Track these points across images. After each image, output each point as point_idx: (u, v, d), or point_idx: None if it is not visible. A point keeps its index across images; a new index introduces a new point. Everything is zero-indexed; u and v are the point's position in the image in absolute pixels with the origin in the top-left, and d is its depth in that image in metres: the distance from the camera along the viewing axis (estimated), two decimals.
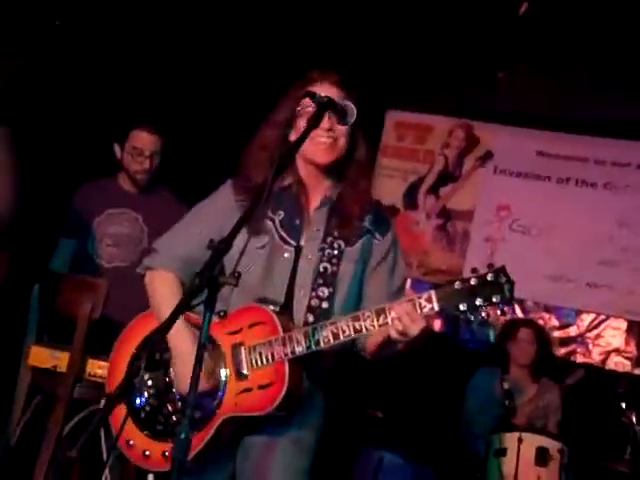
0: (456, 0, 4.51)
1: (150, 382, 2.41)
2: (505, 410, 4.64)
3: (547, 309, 5.87)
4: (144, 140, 3.98)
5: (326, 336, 2.21)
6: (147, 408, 2.39)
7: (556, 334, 5.77)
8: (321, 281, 2.35)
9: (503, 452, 4.38)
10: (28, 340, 3.56)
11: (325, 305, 2.35)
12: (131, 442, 2.39)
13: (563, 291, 5.69)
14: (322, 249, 2.38)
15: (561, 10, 4.38)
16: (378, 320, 2.16)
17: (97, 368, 3.42)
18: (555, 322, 5.83)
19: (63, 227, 4.12)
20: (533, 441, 4.36)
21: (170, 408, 2.38)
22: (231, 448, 2.41)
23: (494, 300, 2.06)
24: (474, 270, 2.10)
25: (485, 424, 4.71)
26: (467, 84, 5.68)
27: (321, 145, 2.34)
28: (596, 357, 5.73)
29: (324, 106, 2.21)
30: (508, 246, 5.78)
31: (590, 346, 5.76)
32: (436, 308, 2.09)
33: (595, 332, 5.75)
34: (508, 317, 5.80)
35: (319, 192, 2.45)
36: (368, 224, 2.44)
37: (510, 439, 4.39)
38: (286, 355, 2.24)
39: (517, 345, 5.07)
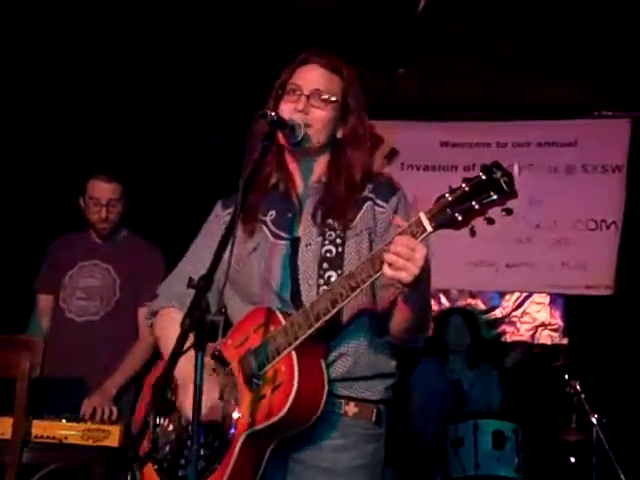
0: (354, 2, 4.50)
1: (171, 427, 2.22)
2: (455, 400, 4.69)
3: (472, 295, 6.00)
4: (100, 189, 3.93)
5: (325, 307, 1.99)
6: (169, 456, 2.20)
7: (484, 317, 5.89)
8: (327, 265, 2.15)
9: (460, 442, 4.43)
10: None
11: None
12: None
13: (486, 275, 5.78)
14: (322, 234, 2.20)
15: (455, 3, 4.45)
16: (374, 267, 1.92)
17: (43, 429, 3.27)
18: (481, 306, 5.96)
19: (39, 284, 4.06)
20: (488, 426, 4.43)
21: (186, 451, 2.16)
22: (276, 467, 2.15)
23: (493, 197, 1.81)
24: (457, 188, 1.86)
25: (436, 416, 4.75)
26: (364, 83, 5.71)
27: None
28: (525, 334, 5.89)
29: (274, 125, 2.14)
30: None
31: (518, 324, 5.91)
32: (429, 229, 1.86)
33: (520, 310, 5.91)
34: (436, 308, 5.91)
35: (302, 175, 2.32)
36: (368, 192, 2.25)
37: (465, 428, 4.44)
38: (290, 344, 2.02)
39: (451, 333, 5.15)
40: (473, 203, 1.83)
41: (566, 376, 4.64)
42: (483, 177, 1.83)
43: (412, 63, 5.11)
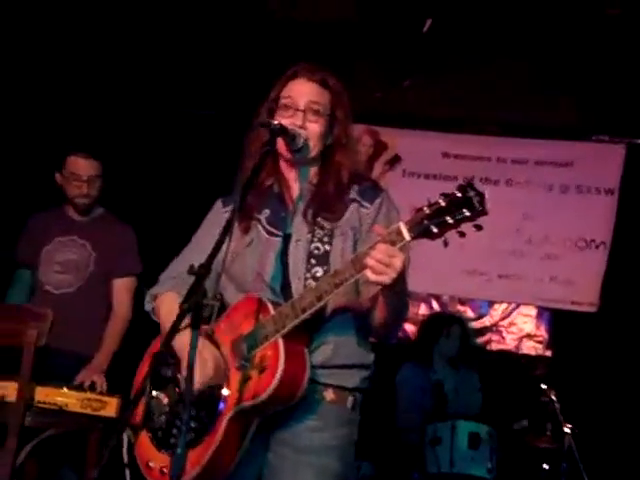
0: (364, 13, 4.70)
1: (166, 400, 2.44)
2: (436, 401, 4.89)
3: (462, 302, 6.18)
4: (80, 165, 4.05)
5: (310, 300, 2.19)
6: (163, 426, 2.41)
7: (472, 325, 6.08)
8: (314, 261, 2.37)
9: (438, 441, 4.64)
10: None
11: None
12: (150, 464, 2.40)
13: (477, 284, 6.00)
14: (312, 232, 2.41)
15: (460, 24, 4.66)
16: (355, 268, 2.11)
17: (45, 395, 3.48)
18: (471, 314, 6.15)
19: (17, 258, 4.19)
20: (465, 428, 4.63)
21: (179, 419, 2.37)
22: (258, 443, 2.36)
23: (465, 214, 2.00)
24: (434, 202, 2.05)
25: (418, 415, 4.95)
26: (373, 91, 5.92)
27: None
28: (510, 343, 6.07)
29: (276, 133, 2.36)
30: (422, 245, 5.98)
31: (504, 333, 6.10)
32: (407, 238, 2.05)
33: (508, 320, 6.10)
34: (427, 312, 6.10)
35: (299, 181, 2.53)
36: (354, 194, 2.46)
37: (444, 428, 4.65)
38: (277, 331, 2.23)
39: (447, 341, 5.31)
40: (447, 218, 2.02)
41: (543, 385, 4.84)
42: (458, 194, 2.03)
43: (418, 75, 5.32)
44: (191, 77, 5.64)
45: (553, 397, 4.78)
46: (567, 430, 4.72)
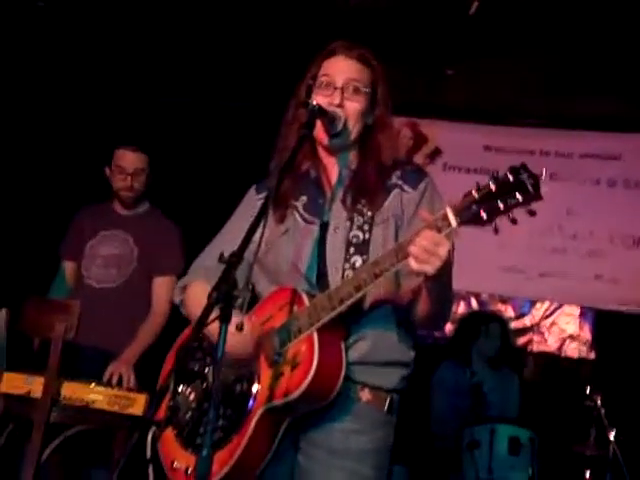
0: (404, 2, 4.54)
1: (192, 395, 2.30)
2: (474, 403, 4.71)
3: (502, 300, 5.99)
4: (126, 158, 4.06)
5: (349, 291, 2.05)
6: (190, 423, 2.28)
7: (513, 324, 5.88)
8: (353, 250, 2.23)
9: (476, 444, 4.45)
10: None
11: None
12: (175, 464, 2.26)
13: (516, 282, 5.81)
14: (350, 219, 2.26)
15: (508, 7, 4.47)
16: (397, 256, 1.98)
17: (72, 391, 3.37)
18: (511, 312, 5.96)
19: (63, 250, 4.21)
20: (505, 432, 4.44)
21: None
22: (288, 443, 2.23)
23: (518, 199, 1.83)
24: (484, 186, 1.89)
25: (455, 418, 4.77)
26: (413, 81, 5.75)
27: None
28: (552, 345, 5.87)
29: (315, 114, 2.21)
30: (461, 241, 5.82)
31: (546, 334, 5.90)
32: (454, 225, 1.89)
33: (550, 320, 5.89)
34: (466, 311, 5.92)
35: (338, 166, 2.38)
36: (396, 179, 2.31)
37: (482, 431, 4.46)
38: (311, 324, 2.09)
39: (487, 339, 5.13)
40: (498, 202, 1.85)
41: (588, 390, 4.63)
42: (510, 178, 1.86)
43: (461, 64, 5.14)
44: (228, 69, 5.54)
45: (598, 401, 4.56)
46: (612, 437, 4.50)
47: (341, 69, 2.31)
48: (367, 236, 2.24)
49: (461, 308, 5.99)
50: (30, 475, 3.25)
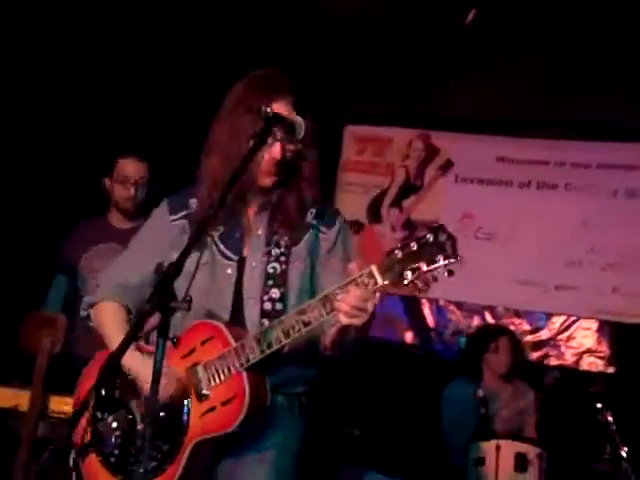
0: (405, 13, 4.49)
1: (115, 424, 2.34)
2: (481, 418, 4.60)
3: (517, 314, 5.86)
4: (129, 167, 4.01)
5: (277, 336, 2.15)
6: (116, 451, 2.32)
7: (528, 338, 5.76)
8: (271, 282, 2.31)
9: (481, 461, 4.34)
10: None
11: (279, 306, 2.30)
12: None
13: (532, 295, 5.69)
14: (268, 251, 2.34)
15: (507, 16, 4.39)
16: (325, 308, 2.09)
17: (62, 405, 3.36)
18: (526, 326, 5.82)
19: (58, 264, 4.16)
20: (511, 448, 4.33)
21: (138, 444, 2.29)
22: (208, 475, 2.33)
23: (439, 261, 1.97)
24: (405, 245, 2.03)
25: (465, 434, 4.66)
26: (422, 95, 5.70)
27: (263, 169, 2.28)
28: (569, 359, 5.73)
29: (271, 121, 2.17)
30: (474, 254, 5.72)
31: (562, 348, 5.75)
32: (380, 282, 2.01)
33: (566, 334, 5.75)
34: (481, 325, 5.81)
35: (258, 198, 2.39)
36: (311, 219, 2.39)
37: (488, 447, 4.35)
38: (242, 365, 2.18)
39: (497, 354, 5.00)
40: (422, 267, 1.98)
41: (599, 404, 4.49)
42: (429, 239, 1.99)
43: (464, 75, 5.06)
44: (214, 75, 5.46)
45: (609, 417, 4.41)
46: (624, 453, 4.35)
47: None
48: (284, 268, 2.32)
49: (475, 322, 5.89)
50: None
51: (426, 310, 6.02)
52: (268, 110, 2.16)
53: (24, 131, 4.78)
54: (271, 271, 2.31)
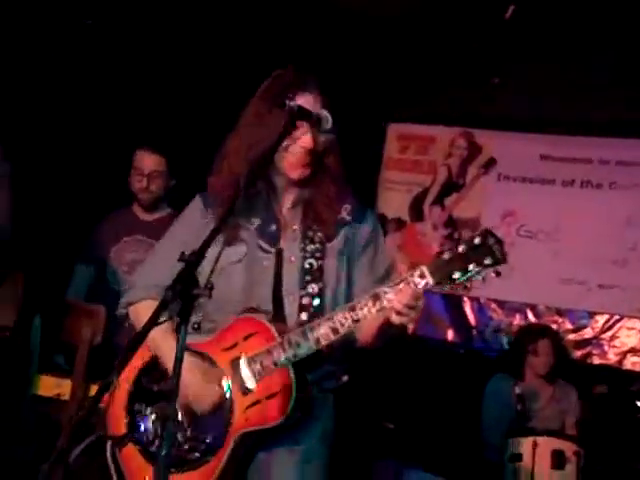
0: (445, 10, 4.50)
1: (154, 416, 2.36)
2: (518, 415, 4.59)
3: (560, 312, 5.81)
4: (143, 159, 4.07)
5: (325, 333, 2.17)
6: (155, 440, 2.34)
7: (570, 337, 5.71)
8: (309, 278, 2.33)
9: (519, 457, 4.34)
10: (31, 370, 3.58)
11: (317, 301, 2.32)
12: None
13: (575, 293, 5.64)
14: (303, 247, 2.36)
15: (552, 11, 4.36)
16: (375, 305, 2.12)
17: None
18: (569, 325, 5.77)
19: (81, 254, 4.22)
20: (548, 445, 4.32)
21: (180, 437, 2.31)
22: (246, 467, 2.34)
23: (487, 263, 2.02)
24: (458, 240, 2.10)
25: (504, 430, 4.65)
26: (465, 92, 5.69)
27: (293, 160, 2.31)
28: (612, 358, 5.66)
29: (296, 115, 2.20)
30: (516, 252, 5.69)
31: (606, 347, 5.69)
32: (431, 282, 2.05)
33: (610, 333, 5.68)
34: (522, 323, 5.77)
35: (291, 193, 2.42)
36: (346, 215, 2.41)
37: (525, 444, 4.34)
38: (288, 360, 2.20)
39: (536, 357, 4.97)
40: (470, 268, 2.03)
41: (639, 403, 4.45)
42: (477, 242, 2.03)
43: (507, 73, 5.04)
44: (226, 71, 5.48)
45: None
46: None
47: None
48: (320, 263, 2.35)
49: (517, 320, 5.86)
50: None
51: (467, 308, 6.02)
52: (292, 104, 2.19)
53: (54, 126, 4.83)
54: (308, 267, 2.34)
